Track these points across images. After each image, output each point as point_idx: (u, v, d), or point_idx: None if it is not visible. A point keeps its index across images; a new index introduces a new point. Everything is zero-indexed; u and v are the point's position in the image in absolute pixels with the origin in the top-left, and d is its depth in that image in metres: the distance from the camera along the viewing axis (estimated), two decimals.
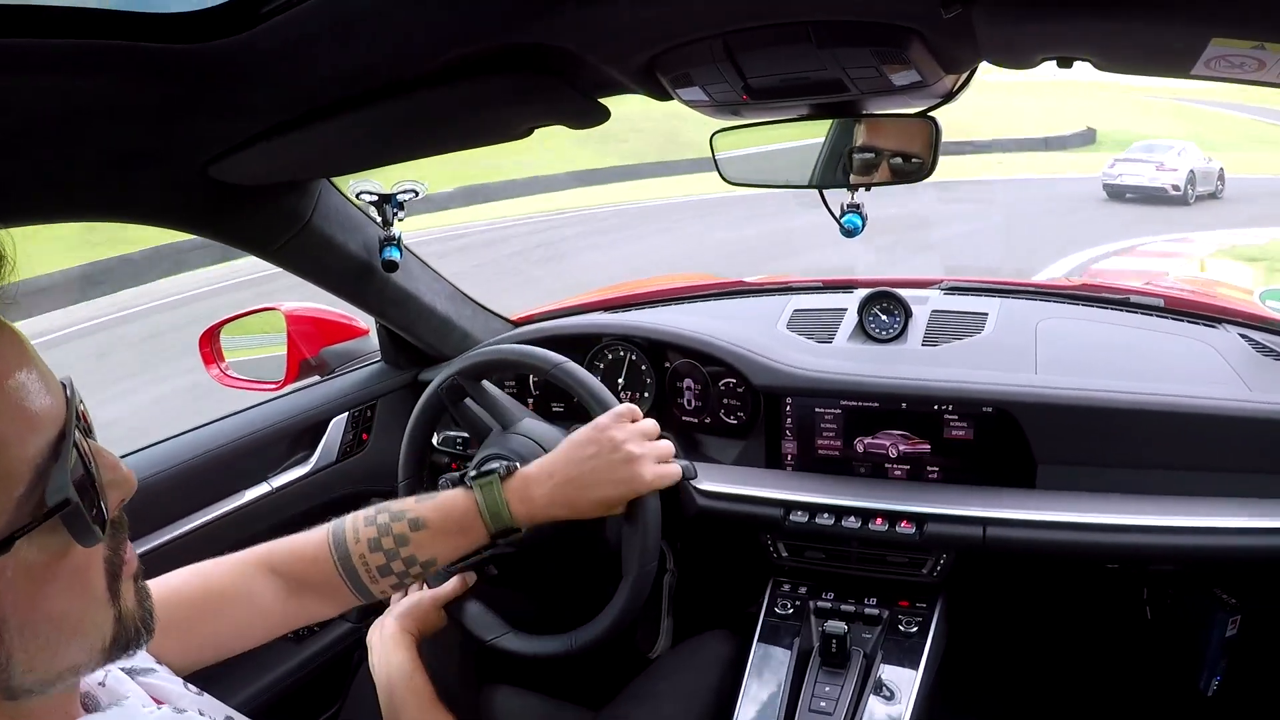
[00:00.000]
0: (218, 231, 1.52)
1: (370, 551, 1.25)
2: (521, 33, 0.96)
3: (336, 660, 2.04)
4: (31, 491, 0.62)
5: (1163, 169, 17.56)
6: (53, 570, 0.65)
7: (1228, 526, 1.55)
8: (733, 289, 2.34)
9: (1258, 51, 0.83)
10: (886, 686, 1.61)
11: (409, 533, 1.26)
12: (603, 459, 1.34)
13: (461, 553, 1.33)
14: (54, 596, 0.66)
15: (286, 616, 1.25)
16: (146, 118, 1.04)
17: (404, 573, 1.26)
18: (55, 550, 0.65)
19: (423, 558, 1.27)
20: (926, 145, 1.33)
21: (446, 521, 1.29)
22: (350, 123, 1.16)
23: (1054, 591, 2.22)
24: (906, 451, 1.80)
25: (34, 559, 0.63)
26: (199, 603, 1.15)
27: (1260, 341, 1.84)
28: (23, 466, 0.62)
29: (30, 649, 0.64)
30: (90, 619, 0.69)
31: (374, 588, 1.26)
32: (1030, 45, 0.99)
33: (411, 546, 1.26)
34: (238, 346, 2.10)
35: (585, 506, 1.35)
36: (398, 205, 1.78)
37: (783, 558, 1.83)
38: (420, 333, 2.04)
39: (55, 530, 0.64)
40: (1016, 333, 1.90)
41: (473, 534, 1.31)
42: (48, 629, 0.66)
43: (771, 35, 1.00)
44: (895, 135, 1.38)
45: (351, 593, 1.26)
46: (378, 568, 1.25)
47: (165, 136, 1.13)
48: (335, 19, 0.86)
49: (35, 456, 0.63)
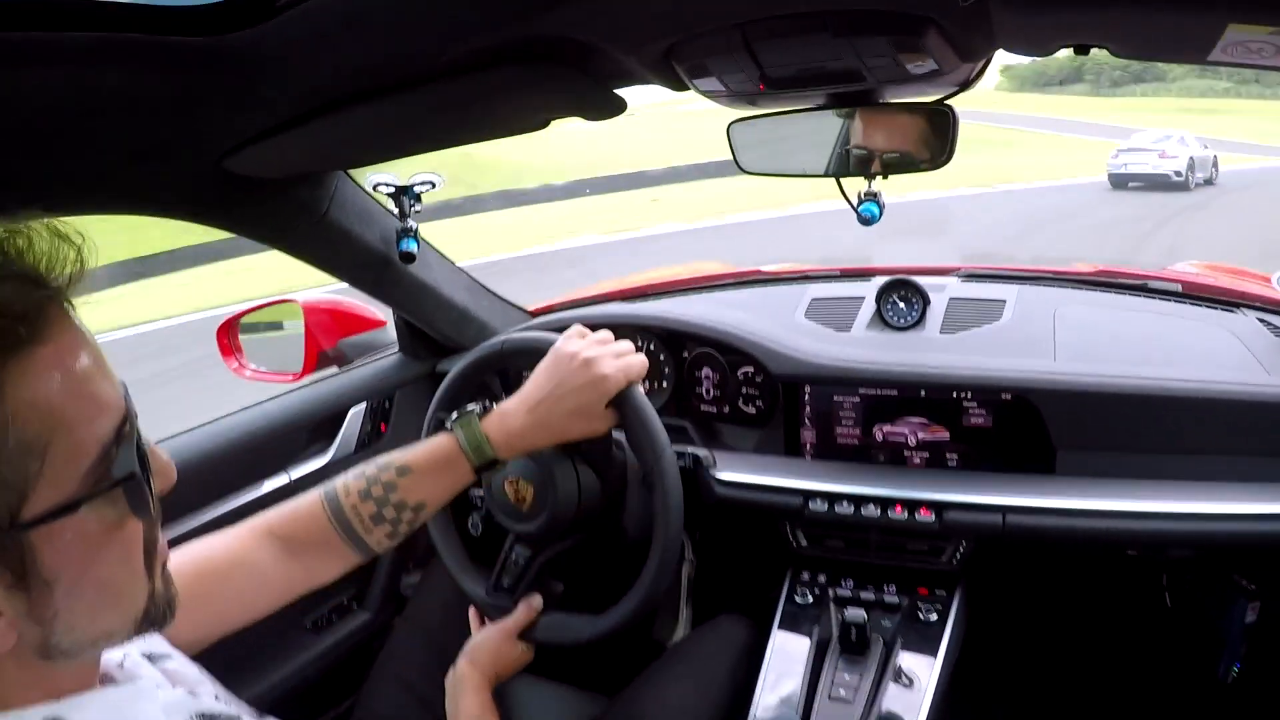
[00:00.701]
0: (234, 223, 1.53)
1: (361, 501, 1.28)
2: (538, 23, 0.96)
3: (354, 651, 2.05)
4: (96, 466, 0.69)
5: (1165, 156, 19.85)
6: (106, 539, 0.71)
7: (1247, 513, 1.55)
8: (750, 278, 2.34)
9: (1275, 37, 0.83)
10: (906, 674, 1.61)
11: (396, 479, 1.30)
12: (564, 370, 1.38)
13: (449, 493, 1.36)
14: (103, 564, 0.72)
15: (290, 581, 1.28)
16: (163, 111, 1.04)
17: (396, 519, 1.30)
18: (111, 521, 0.71)
19: (412, 501, 1.31)
20: (943, 134, 1.33)
21: (431, 463, 1.33)
22: (366, 115, 1.16)
23: (1073, 579, 2.21)
24: (925, 439, 1.80)
25: (92, 527, 0.70)
26: (202, 577, 1.17)
27: (1279, 326, 1.82)
28: (92, 443, 0.69)
29: (76, 610, 0.71)
30: (129, 590, 0.76)
31: (369, 538, 1.29)
32: (1048, 33, 0.98)
33: (400, 491, 1.30)
34: (256, 338, 2.11)
35: (562, 422, 1.38)
36: (415, 197, 1.78)
37: (802, 546, 1.84)
38: (438, 324, 2.04)
39: (115, 502, 0.71)
40: (1034, 320, 1.90)
41: (458, 471, 1.34)
42: (93, 593, 0.72)
43: (789, 25, 1.00)
44: (911, 124, 1.38)
45: (348, 546, 1.29)
46: (370, 516, 1.28)
47: (182, 129, 1.14)
48: (351, 11, 0.86)
49: (103, 436, 0.70)
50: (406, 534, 1.34)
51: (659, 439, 1.43)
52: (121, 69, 0.88)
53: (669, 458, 1.44)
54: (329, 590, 2.04)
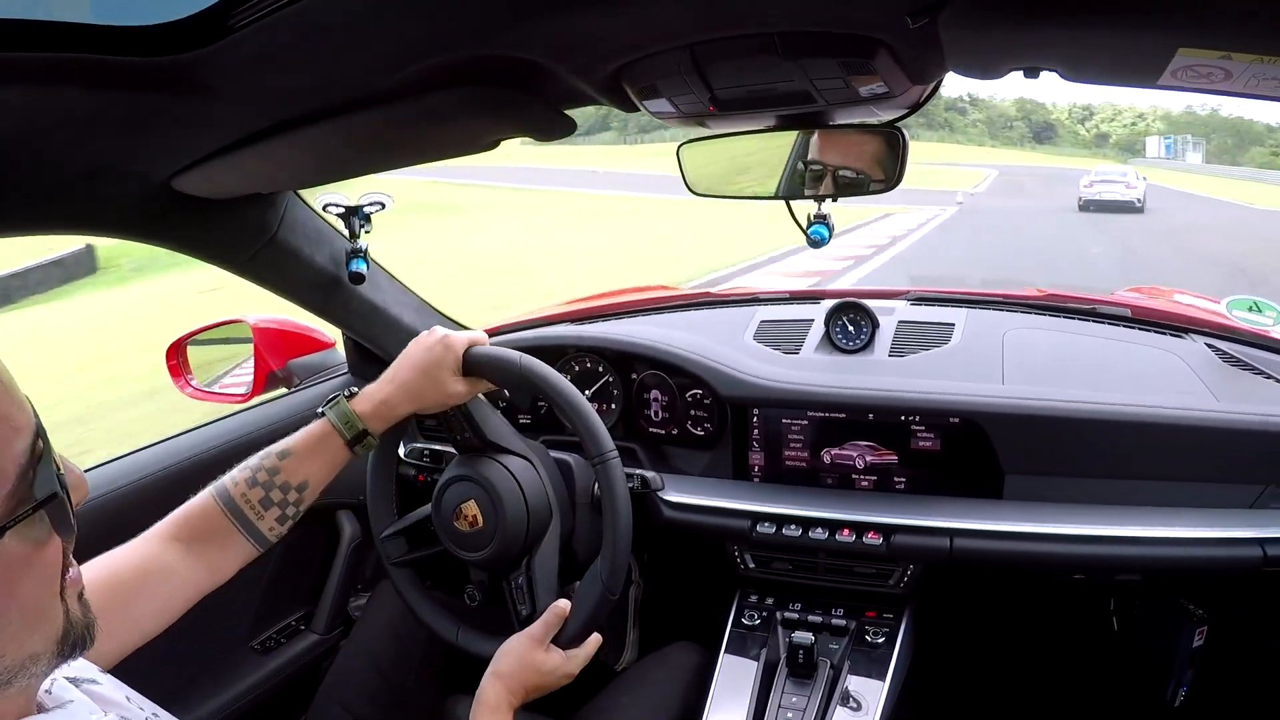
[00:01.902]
0: (184, 244, 1.52)
1: (249, 488, 1.35)
2: (489, 45, 0.96)
3: (301, 672, 2.02)
4: (16, 489, 0.68)
5: (1130, 188, 26.10)
6: (29, 562, 0.70)
7: (1193, 537, 1.56)
8: (700, 300, 2.34)
9: (1224, 62, 0.84)
10: (853, 697, 1.61)
11: (278, 463, 1.38)
12: (419, 345, 1.51)
13: (329, 469, 1.43)
14: (27, 587, 0.71)
15: (197, 581, 1.30)
16: (113, 131, 1.04)
17: (284, 500, 1.37)
18: (33, 542, 0.70)
19: (295, 481, 1.38)
20: (893, 157, 1.33)
21: (307, 444, 1.41)
22: (316, 135, 1.16)
23: (1021, 602, 2.22)
24: (874, 462, 1.80)
25: (15, 551, 0.68)
26: (114, 589, 1.18)
27: (1227, 351, 1.84)
28: (10, 467, 0.68)
29: (3, 636, 0.69)
30: (49, 611, 0.74)
31: (262, 525, 1.35)
32: (997, 55, 0.99)
33: (284, 474, 1.38)
34: (204, 359, 2.08)
35: (418, 384, 1.48)
36: (364, 218, 1.78)
37: (750, 569, 1.83)
38: (387, 345, 2.03)
39: (37, 523, 0.70)
40: (983, 343, 1.91)
41: (332, 447, 1.42)
42: (18, 617, 0.70)
43: (738, 46, 1.00)
44: (861, 147, 1.39)
45: (245, 536, 1.35)
46: (259, 501, 1.35)
47: (131, 149, 1.13)
48: (302, 33, 0.86)
49: (19, 458, 0.68)
50: (295, 517, 1.39)
51: (626, 528, 1.46)
52: (72, 89, 0.88)
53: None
54: (278, 611, 2.03)
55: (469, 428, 1.55)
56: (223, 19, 0.82)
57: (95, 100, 0.93)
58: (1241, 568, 1.56)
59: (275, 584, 2.00)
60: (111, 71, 0.86)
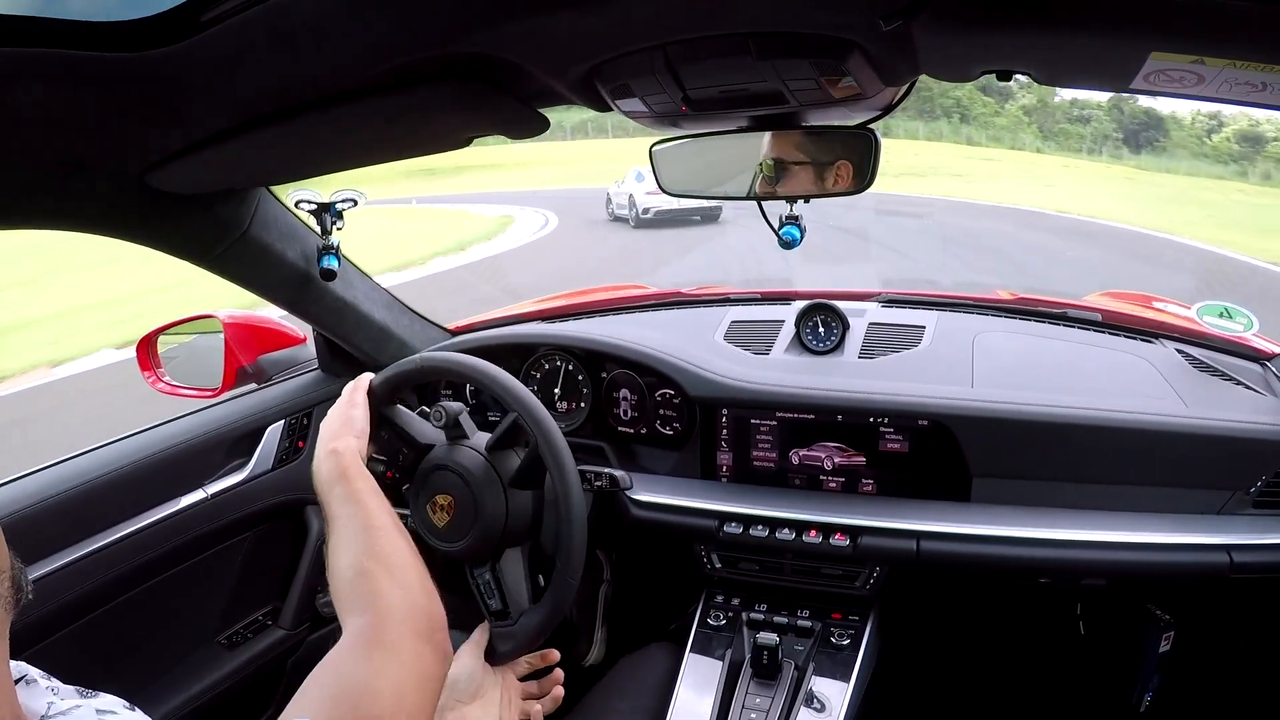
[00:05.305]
0: (156, 240, 1.51)
1: None
2: (462, 43, 0.95)
3: (269, 667, 2.02)
4: None
5: None
6: None
7: (1160, 542, 1.57)
8: (670, 300, 2.35)
9: (1197, 66, 0.84)
10: (817, 698, 1.61)
11: None
12: None
13: None
14: None
15: None
16: (84, 126, 1.03)
17: None
18: None
19: None
20: (864, 158, 1.33)
21: None
22: (288, 131, 1.16)
23: (987, 606, 2.22)
24: (842, 464, 1.80)
25: None
26: None
27: (1196, 357, 1.85)
28: None
29: None
30: None
31: None
32: (971, 58, 0.99)
33: None
34: (174, 353, 2.07)
35: None
36: (336, 214, 1.77)
37: (716, 569, 1.83)
38: (357, 341, 2.03)
39: None
40: (954, 346, 1.91)
41: None
42: None
43: (711, 47, 1.00)
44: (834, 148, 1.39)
45: None
46: None
47: (103, 145, 1.13)
48: (275, 29, 0.86)
49: None
50: None
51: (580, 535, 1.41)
52: (43, 85, 0.88)
53: None
54: (246, 606, 2.02)
55: (401, 442, 1.51)
56: (195, 15, 0.81)
57: (67, 96, 0.92)
58: (1208, 574, 1.57)
59: (243, 579, 2.00)
60: (83, 67, 0.85)
